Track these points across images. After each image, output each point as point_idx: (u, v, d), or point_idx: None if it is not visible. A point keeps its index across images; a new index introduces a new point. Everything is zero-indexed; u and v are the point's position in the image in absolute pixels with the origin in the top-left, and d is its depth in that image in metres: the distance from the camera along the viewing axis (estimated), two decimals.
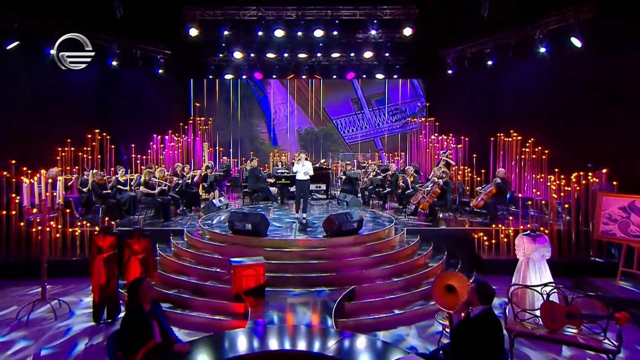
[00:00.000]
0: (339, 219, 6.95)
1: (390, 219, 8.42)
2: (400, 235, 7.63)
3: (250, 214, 7.18)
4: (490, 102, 12.41)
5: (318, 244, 6.86)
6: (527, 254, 5.39)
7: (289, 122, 16.20)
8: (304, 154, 8.47)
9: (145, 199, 9.07)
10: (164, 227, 8.46)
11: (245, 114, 16.24)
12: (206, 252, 7.00)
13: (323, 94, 16.12)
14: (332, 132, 16.15)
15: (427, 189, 8.88)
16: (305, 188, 8.36)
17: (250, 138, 16.24)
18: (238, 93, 16.11)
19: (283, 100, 16.18)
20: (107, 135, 11.78)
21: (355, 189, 11.31)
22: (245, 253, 6.56)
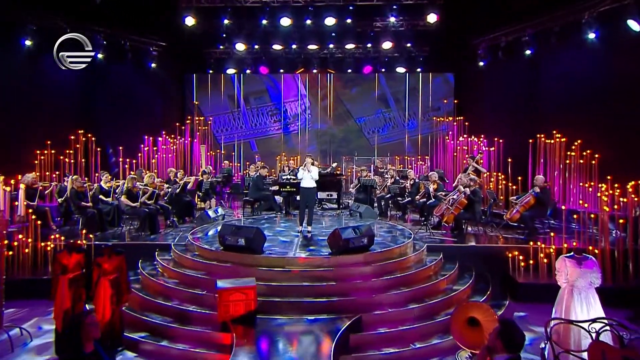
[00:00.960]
0: (346, 233, 6.71)
1: (409, 234, 8.23)
2: (420, 253, 7.38)
3: (244, 228, 7.01)
4: (528, 98, 12.13)
5: (321, 263, 6.64)
6: (571, 281, 4.95)
7: (302, 121, 16.14)
8: (310, 157, 8.31)
9: (129, 209, 8.95)
10: (148, 242, 8.32)
11: (252, 113, 16.25)
12: (193, 272, 6.82)
13: (343, 89, 16.08)
14: (354, 132, 16.00)
15: (452, 198, 8.59)
16: (311, 197, 8.23)
17: (257, 140, 16.25)
18: (241, 89, 16.16)
19: (295, 96, 16.16)
20: (93, 136, 11.78)
21: (371, 198, 11.15)
22: (237, 273, 6.39)
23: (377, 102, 15.89)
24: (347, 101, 16.03)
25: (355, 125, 15.99)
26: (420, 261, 7.24)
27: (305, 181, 8.12)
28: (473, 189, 8.49)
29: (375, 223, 9.37)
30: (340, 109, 16.06)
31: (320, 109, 16.02)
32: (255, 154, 16.08)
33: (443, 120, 15.15)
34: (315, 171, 8.13)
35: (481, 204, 8.95)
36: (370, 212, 10.10)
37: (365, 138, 15.91)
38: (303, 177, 8.12)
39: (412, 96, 15.74)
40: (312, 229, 8.32)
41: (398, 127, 15.81)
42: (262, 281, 6.11)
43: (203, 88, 16.08)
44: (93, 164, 11.76)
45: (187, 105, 15.88)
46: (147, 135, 12.99)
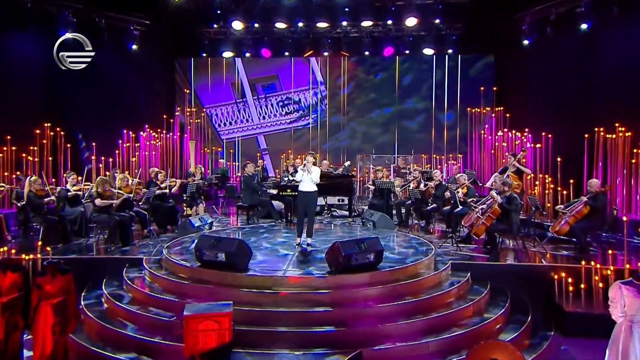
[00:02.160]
0: (348, 248, 6.51)
1: (429, 248, 8.05)
2: (441, 273, 7.20)
3: (225, 240, 6.86)
4: (584, 83, 11.85)
5: (317, 283, 6.47)
6: (630, 315, 4.53)
7: (318, 112, 16.14)
8: (311, 155, 8.24)
9: (97, 217, 8.81)
10: (117, 256, 8.22)
11: (259, 103, 16.24)
12: (165, 293, 6.68)
13: (366, 75, 16.01)
14: (378, 126, 15.90)
15: (484, 206, 8.29)
16: (311, 203, 8.16)
17: (266, 135, 16.26)
18: (244, 74, 16.11)
19: (311, 84, 16.11)
20: (62, 130, 11.78)
21: (389, 203, 10.99)
22: (215, 294, 6.28)
23: (404, 90, 15.74)
24: (371, 89, 15.92)
25: (381, 118, 15.86)
26: (441, 282, 7.05)
27: (304, 184, 8.02)
28: (508, 194, 8.17)
29: (391, 234, 9.27)
30: (363, 98, 15.99)
31: (340, 99, 15.97)
32: (263, 151, 16.01)
33: (479, 111, 14.94)
34: (316, 172, 8.02)
35: (520, 213, 8.69)
36: (385, 221, 9.93)
37: (392, 132, 15.77)
38: (302, 179, 8.01)
39: (442, 83, 15.52)
40: (315, 242, 8.25)
41: (429, 119, 15.63)
42: (244, 305, 5.98)
43: (201, 74, 16.06)
44: (62, 162, 11.74)
45: (178, 95, 15.86)
46: (126, 129, 12.98)
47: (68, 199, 9.44)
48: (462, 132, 15.28)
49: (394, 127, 15.79)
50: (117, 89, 12.93)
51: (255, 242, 8.56)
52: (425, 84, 15.64)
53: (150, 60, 13.88)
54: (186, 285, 6.69)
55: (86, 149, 12.41)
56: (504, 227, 8.21)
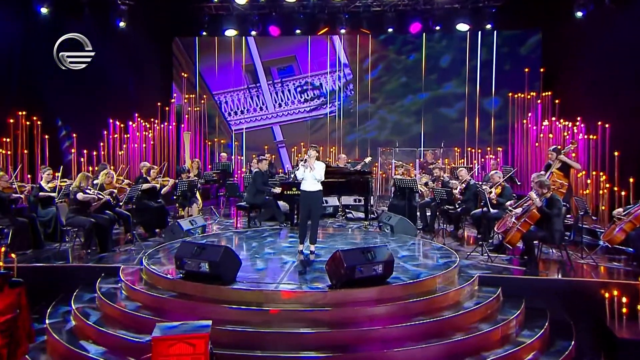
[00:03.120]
0: (352, 258, 6.42)
1: (453, 258, 7.97)
2: (466, 288, 7.09)
3: (209, 247, 6.81)
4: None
5: (314, 299, 6.41)
6: None
7: (341, 99, 16.08)
8: (314, 150, 8.11)
9: (71, 218, 8.77)
10: (93, 264, 8.17)
11: (275, 89, 16.23)
12: (140, 310, 6.59)
13: (397, 55, 15.82)
14: (411, 115, 15.69)
15: (520, 209, 8.16)
16: (315, 204, 8.12)
17: (279, 123, 16.25)
18: (257, 55, 16.07)
19: (333, 66, 15.98)
20: (39, 119, 11.80)
21: (412, 204, 10.94)
22: (197, 311, 6.28)
23: (442, 72, 15.49)
24: (402, 72, 15.70)
25: (414, 105, 15.63)
26: (464, 300, 6.94)
27: (306, 182, 7.99)
28: (549, 195, 7.94)
29: (411, 241, 9.22)
30: (394, 82, 15.76)
31: (366, 84, 15.82)
32: (278, 144, 16.03)
33: (524, 97, 14.68)
34: (320, 169, 7.95)
35: (564, 218, 8.49)
36: (405, 225, 9.85)
37: (428, 121, 15.53)
38: (304, 176, 7.97)
39: (485, 64, 15.21)
40: (322, 248, 8.28)
41: (471, 106, 15.32)
42: (228, 324, 5.94)
43: (207, 56, 16.03)
44: (39, 155, 11.75)
45: (176, 80, 15.90)
46: (113, 118, 13.00)
47: (41, 198, 9.41)
48: (503, 121, 15.03)
49: (429, 116, 15.54)
50: (102, 72, 12.90)
51: (257, 247, 8.64)
52: (467, 65, 15.28)
53: (140, 40, 13.84)
54: (164, 299, 6.62)
55: (66, 138, 12.45)
56: (544, 235, 8.00)
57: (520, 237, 7.96)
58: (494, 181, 9.51)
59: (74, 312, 6.83)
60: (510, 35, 15.09)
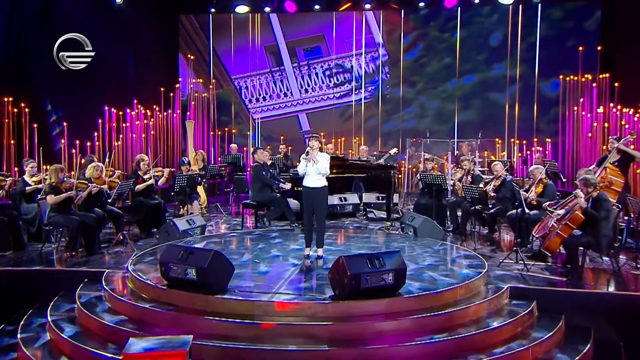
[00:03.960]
0: (356, 265, 6.24)
1: (481, 265, 7.78)
2: (493, 301, 6.88)
3: (197, 252, 6.69)
4: None
5: (313, 312, 6.23)
6: None
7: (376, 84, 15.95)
8: (316, 139, 7.97)
9: (54, 217, 8.75)
10: (76, 268, 8.14)
11: (296, 71, 16.25)
12: (124, 323, 6.48)
13: (440, 33, 15.65)
14: (454, 100, 15.57)
15: (562, 211, 7.90)
16: (319, 202, 8.09)
17: (305, 111, 16.28)
18: (281, 34, 16.07)
19: (367, 46, 15.94)
20: (27, 107, 11.93)
21: (442, 203, 10.79)
22: (181, 323, 6.18)
23: (492, 51, 15.30)
24: (446, 52, 15.49)
25: (459, 90, 15.44)
26: (491, 314, 6.73)
27: (309, 178, 7.93)
28: (598, 195, 7.68)
29: (435, 246, 9.04)
30: (436, 64, 15.57)
31: (404, 66, 15.65)
32: (305, 134, 16.02)
33: (577, 79, 14.38)
34: (324, 162, 7.85)
35: (615, 221, 8.12)
36: (430, 227, 9.67)
37: (476, 108, 15.33)
38: (306, 171, 7.90)
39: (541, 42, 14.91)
40: (334, 252, 8.22)
41: (526, 91, 15.03)
42: (215, 339, 5.83)
43: (222, 36, 16.05)
44: (27, 146, 11.86)
45: (179, 61, 15.96)
46: (109, 105, 13.08)
47: (25, 194, 9.47)
48: (556, 108, 14.73)
49: (477, 102, 15.30)
50: (97, 55, 12.99)
51: (260, 251, 8.64)
52: (520, 43, 14.96)
53: (141, 17, 13.90)
54: (147, 310, 6.53)
55: (57, 124, 12.58)
56: (589, 240, 7.75)
57: (561, 242, 7.73)
58: (534, 177, 9.21)
59: (50, 325, 6.75)
60: (563, 8, 14.76)
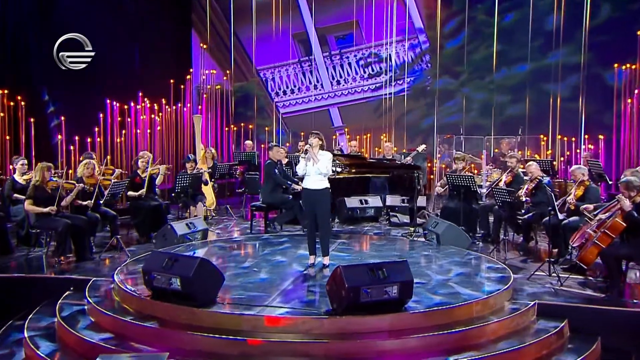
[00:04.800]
0: (356, 276, 6.19)
1: (506, 278, 7.69)
2: (516, 317, 6.80)
3: (182, 259, 6.73)
4: None
5: (308, 328, 6.22)
6: None
7: (415, 74, 15.97)
8: (316, 137, 8.01)
9: (40, 220, 8.84)
10: (59, 276, 8.27)
11: (327, 61, 16.36)
12: (102, 336, 6.54)
13: (488, 17, 15.33)
14: (505, 92, 15.40)
15: (604, 216, 7.79)
16: (321, 205, 8.07)
17: (337, 105, 16.34)
18: (310, 20, 16.12)
19: (408, 32, 15.82)
20: (23, 100, 12.16)
21: (472, 208, 10.70)
22: (164, 339, 6.24)
23: (548, 37, 14.83)
24: (497, 38, 15.13)
25: (510, 80, 15.24)
26: (513, 334, 6.62)
27: (309, 179, 7.97)
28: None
29: (459, 255, 8.99)
30: (483, 51, 15.40)
31: (447, 54, 15.57)
32: (337, 129, 16.09)
33: (636, 67, 13.94)
34: (325, 160, 7.86)
35: None
36: (454, 233, 9.61)
37: (531, 102, 15.00)
38: (306, 171, 7.95)
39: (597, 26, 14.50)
40: (343, 261, 8.04)
41: (589, 81, 14.61)
42: (199, 357, 5.93)
43: (244, 22, 16.12)
44: (23, 142, 12.09)
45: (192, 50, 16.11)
46: (110, 98, 13.18)
47: (17, 192, 9.65)
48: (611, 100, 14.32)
49: (530, 94, 15.00)
50: (99, 44, 13.21)
51: (262, 258, 8.76)
52: (581, 27, 14.50)
53: (147, 3, 14.05)
54: (128, 324, 6.54)
55: (54, 115, 12.79)
56: (630, 252, 7.58)
57: (598, 253, 7.58)
58: (575, 179, 9.13)
59: (26, 340, 6.76)
60: None
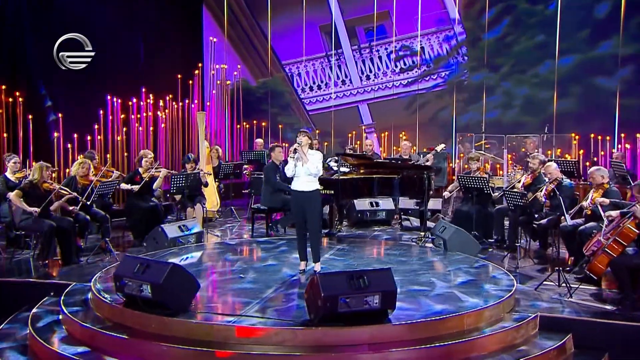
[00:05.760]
0: (333, 285, 6.00)
1: (509, 287, 7.48)
2: (515, 331, 6.60)
3: (154, 265, 6.61)
4: None
5: (282, 339, 6.07)
6: None
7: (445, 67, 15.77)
8: (305, 135, 7.93)
9: (26, 221, 8.83)
10: (40, 280, 8.25)
11: (356, 55, 16.20)
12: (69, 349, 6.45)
13: (529, 5, 15.27)
14: (550, 86, 14.87)
15: (612, 214, 7.62)
16: (311, 208, 7.96)
17: (367, 101, 16.24)
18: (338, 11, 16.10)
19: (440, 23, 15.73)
20: (21, 96, 12.25)
21: (487, 211, 10.44)
22: (133, 349, 6.20)
23: (597, 26, 14.47)
24: (538, 28, 14.92)
25: (554, 73, 14.74)
26: (508, 348, 6.42)
27: (298, 180, 7.86)
28: None
29: (464, 262, 8.77)
30: (525, 42, 15.07)
31: (485, 46, 15.30)
32: (367, 128, 15.96)
33: None
34: (315, 160, 7.76)
35: None
36: (462, 239, 9.38)
37: (575, 96, 14.64)
38: (295, 172, 7.81)
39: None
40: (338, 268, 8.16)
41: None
42: None
43: (267, 13, 16.16)
44: (22, 139, 12.17)
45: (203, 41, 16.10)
46: (111, 94, 13.23)
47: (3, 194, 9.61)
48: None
49: (578, 89, 14.64)
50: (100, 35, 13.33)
51: (258, 261, 8.88)
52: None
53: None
54: (97, 333, 6.43)
55: (52, 110, 12.89)
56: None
57: (608, 264, 7.34)
58: (594, 181, 8.81)
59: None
60: None
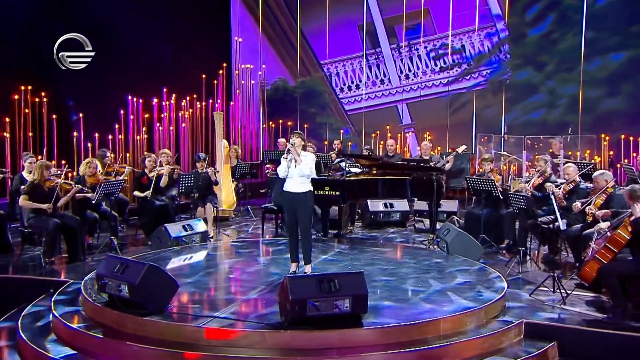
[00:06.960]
0: (302, 288, 6.05)
1: (494, 292, 7.43)
2: (493, 337, 6.54)
3: (132, 265, 6.68)
4: None
5: (251, 342, 6.06)
6: None
7: (487, 65, 15.68)
8: (298, 137, 7.89)
9: (33, 219, 9.00)
10: (43, 276, 8.37)
11: (395, 54, 16.15)
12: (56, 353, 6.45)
13: None
14: (599, 84, 14.64)
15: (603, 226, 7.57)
16: (303, 210, 7.96)
17: (406, 101, 16.20)
18: (377, 9, 16.10)
19: (482, 21, 15.51)
20: (46, 96, 12.50)
21: (500, 214, 10.44)
22: (109, 350, 6.23)
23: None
24: (587, 24, 14.44)
25: (604, 71, 14.52)
26: (487, 355, 6.35)
27: (291, 181, 7.85)
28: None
29: (464, 265, 8.73)
30: (571, 39, 14.69)
31: (529, 43, 15.16)
32: (406, 128, 15.95)
33: None
34: (308, 161, 7.76)
35: None
36: (465, 242, 9.28)
37: (626, 94, 14.34)
38: (288, 173, 7.79)
39: None
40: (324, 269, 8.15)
41: None
42: None
43: (308, 12, 16.30)
44: (46, 138, 12.41)
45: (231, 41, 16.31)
46: (131, 94, 13.37)
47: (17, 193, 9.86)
48: None
49: (629, 87, 14.30)
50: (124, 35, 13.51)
51: (250, 260, 8.87)
52: None
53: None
54: (78, 333, 6.50)
55: (75, 111, 13.15)
56: (634, 268, 7.16)
57: (597, 270, 7.19)
58: (598, 186, 8.61)
59: None
60: None
